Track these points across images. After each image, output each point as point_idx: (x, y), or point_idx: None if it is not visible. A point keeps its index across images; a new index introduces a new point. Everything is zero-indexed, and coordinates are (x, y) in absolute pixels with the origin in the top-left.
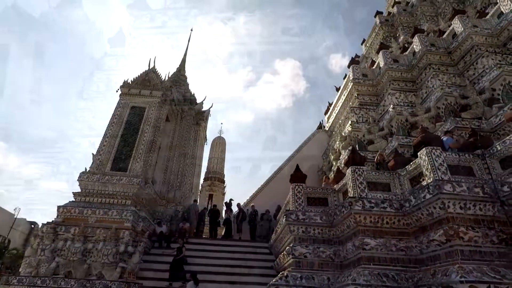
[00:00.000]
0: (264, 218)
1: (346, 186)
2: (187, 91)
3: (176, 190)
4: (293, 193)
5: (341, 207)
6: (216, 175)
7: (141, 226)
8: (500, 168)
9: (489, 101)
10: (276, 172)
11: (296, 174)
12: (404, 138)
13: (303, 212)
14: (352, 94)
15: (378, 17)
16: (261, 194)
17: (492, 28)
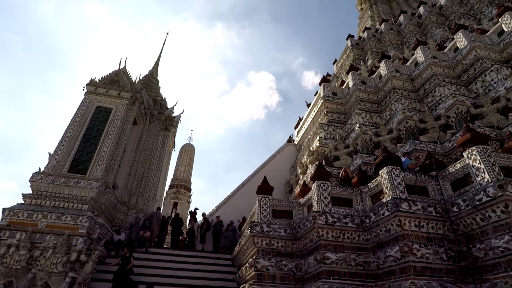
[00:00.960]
0: (229, 229)
1: (311, 200)
2: (158, 95)
3: (138, 196)
4: (259, 205)
5: (305, 220)
6: (182, 182)
7: (98, 234)
8: (451, 189)
9: (444, 127)
10: (244, 183)
11: (263, 186)
12: (368, 156)
13: (268, 224)
14: (322, 111)
15: (350, 40)
16: (228, 204)
17: (449, 61)
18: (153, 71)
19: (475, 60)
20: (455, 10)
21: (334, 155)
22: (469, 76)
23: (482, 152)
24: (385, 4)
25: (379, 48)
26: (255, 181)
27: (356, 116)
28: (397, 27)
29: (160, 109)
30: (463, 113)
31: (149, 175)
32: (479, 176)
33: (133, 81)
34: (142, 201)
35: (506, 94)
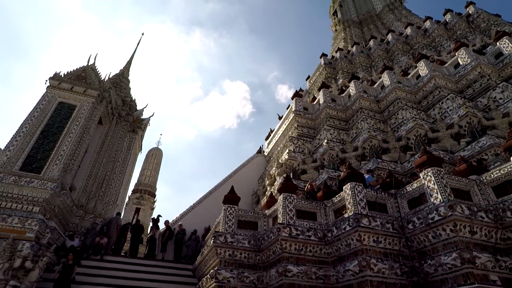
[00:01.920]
0: (192, 238)
1: (277, 212)
2: (128, 95)
3: (98, 200)
4: (224, 215)
5: (269, 232)
6: (147, 187)
7: (48, 238)
8: (407, 207)
9: (405, 148)
10: (211, 191)
11: (230, 196)
12: (333, 171)
13: (232, 235)
14: (293, 124)
15: (323, 59)
16: (193, 213)
17: (412, 87)
18: (124, 70)
19: (434, 88)
20: (419, 40)
21: (302, 169)
22: (428, 102)
23: (436, 173)
24: (358, 28)
25: (349, 69)
26: (222, 190)
27: (324, 132)
28: (367, 51)
29: (128, 110)
30: (422, 136)
31: (111, 178)
32: (432, 196)
33: (102, 79)
34: (101, 205)
35: (459, 122)
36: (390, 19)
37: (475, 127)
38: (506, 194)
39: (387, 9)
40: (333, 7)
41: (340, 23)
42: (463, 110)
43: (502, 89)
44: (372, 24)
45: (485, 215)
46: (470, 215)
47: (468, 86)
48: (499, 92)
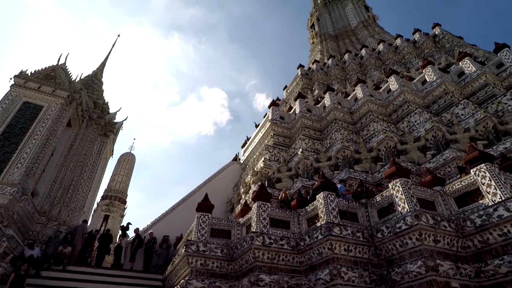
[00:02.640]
0: (163, 246)
1: (251, 221)
2: (100, 97)
3: (63, 206)
4: (197, 223)
5: (242, 241)
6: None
7: (4, 247)
8: (377, 217)
9: (375, 158)
10: (184, 199)
11: (204, 203)
12: (308, 180)
13: (205, 244)
14: (269, 133)
15: (300, 70)
16: (165, 221)
17: (383, 100)
18: (97, 72)
19: (403, 102)
20: (390, 57)
21: (277, 177)
22: (398, 115)
23: (404, 184)
24: (334, 42)
25: (325, 81)
26: (196, 197)
27: (300, 141)
28: (342, 64)
29: (100, 113)
30: (392, 148)
31: (78, 183)
32: (400, 205)
33: (72, 79)
34: (66, 212)
35: (425, 135)
36: (364, 35)
37: (440, 141)
38: (466, 205)
39: (361, 26)
40: (310, 20)
41: (317, 36)
42: (429, 124)
43: (463, 105)
44: (347, 39)
45: (448, 225)
46: (434, 224)
47: (434, 101)
48: (461, 108)
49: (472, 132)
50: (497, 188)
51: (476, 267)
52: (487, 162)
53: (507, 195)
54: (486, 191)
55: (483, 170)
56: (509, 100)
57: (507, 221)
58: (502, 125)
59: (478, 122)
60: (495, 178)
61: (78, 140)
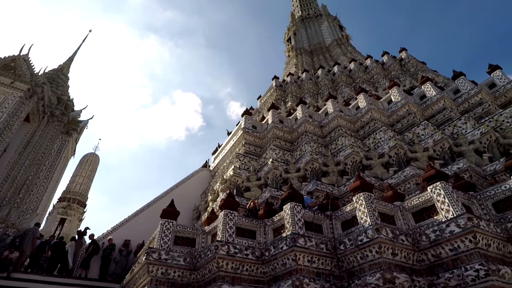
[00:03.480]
0: (123, 253)
1: (216, 229)
2: (65, 93)
3: (13, 207)
4: (161, 230)
5: (207, 250)
6: (76, 196)
7: None
8: (341, 229)
9: (342, 172)
10: (149, 204)
11: (169, 210)
12: (276, 191)
13: (167, 252)
14: (240, 141)
15: (275, 81)
16: (127, 226)
17: (352, 116)
18: (64, 66)
19: (370, 119)
20: (360, 75)
21: (246, 186)
22: (364, 132)
23: (367, 198)
24: (308, 56)
25: (298, 93)
26: (161, 203)
27: (270, 151)
28: (316, 79)
29: (64, 109)
30: (357, 163)
31: (33, 183)
32: (363, 219)
33: (35, 72)
34: (16, 214)
35: (389, 152)
36: (337, 53)
37: (402, 158)
38: (423, 220)
39: (335, 43)
40: (288, 34)
41: (293, 50)
42: (393, 142)
43: (424, 126)
44: (321, 55)
45: (405, 239)
46: (393, 238)
47: (398, 121)
48: (421, 129)
49: (430, 152)
50: (450, 205)
51: (429, 280)
52: (442, 180)
53: (458, 212)
54: (440, 207)
55: (438, 188)
56: (463, 124)
57: (458, 236)
58: (456, 147)
59: (436, 143)
60: (449, 196)
61: (37, 137)
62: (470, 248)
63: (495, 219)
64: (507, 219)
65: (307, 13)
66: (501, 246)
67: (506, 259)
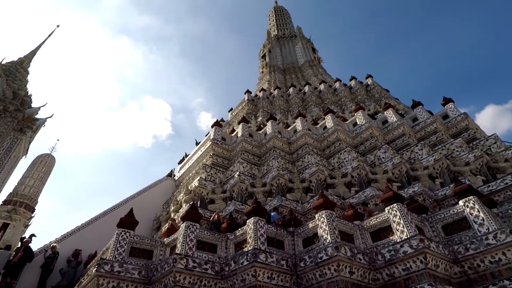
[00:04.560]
0: (71, 264)
1: (176, 241)
2: (23, 88)
3: None
4: (116, 240)
5: (164, 263)
6: (24, 199)
7: None
8: (302, 246)
9: (307, 189)
10: (106, 212)
11: (127, 219)
12: (241, 204)
13: (121, 264)
14: (208, 152)
15: (247, 95)
16: (79, 235)
17: (319, 135)
18: (24, 60)
19: (336, 140)
20: (329, 97)
21: (211, 198)
22: (330, 151)
23: (329, 216)
24: (281, 74)
25: (269, 109)
26: (120, 212)
27: (238, 164)
28: (287, 96)
29: (19, 105)
30: (322, 181)
31: None
32: (323, 236)
33: None
34: None
35: (352, 172)
36: (309, 74)
37: (363, 179)
38: (379, 240)
39: (307, 64)
40: (263, 51)
41: (267, 66)
42: (356, 163)
43: (384, 150)
44: (294, 74)
45: (362, 257)
46: (351, 256)
47: (362, 143)
48: (382, 152)
49: (389, 174)
50: (405, 227)
51: None
52: (399, 202)
53: (412, 234)
54: (396, 228)
55: (395, 209)
56: (420, 150)
57: (410, 257)
58: (413, 171)
59: (395, 166)
60: (404, 218)
61: None
62: (420, 269)
63: (443, 241)
64: (454, 241)
65: (283, 32)
66: (448, 267)
67: (452, 279)
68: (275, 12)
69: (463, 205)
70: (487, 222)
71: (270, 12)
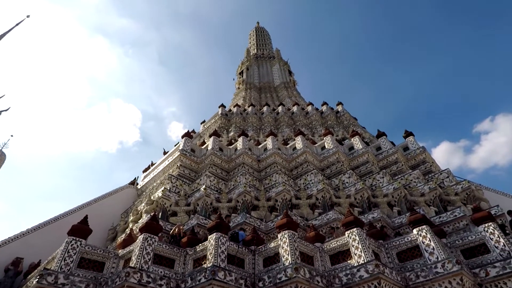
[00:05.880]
0: (9, 274)
1: (131, 254)
2: None
3: None
4: (65, 248)
5: (116, 276)
6: None
7: None
8: (262, 265)
9: (272, 208)
10: (57, 217)
11: (80, 227)
12: (204, 219)
13: (67, 275)
14: (176, 163)
15: (221, 109)
16: (23, 241)
17: (288, 155)
18: None
19: (304, 161)
20: (301, 119)
21: (173, 210)
22: (298, 172)
23: (291, 236)
24: (257, 92)
25: (242, 125)
26: (73, 218)
27: (205, 177)
28: (260, 114)
29: None
30: (287, 201)
31: None
32: (284, 257)
33: None
34: None
35: (317, 194)
36: (284, 95)
37: (327, 202)
38: (338, 263)
39: (282, 86)
40: (241, 67)
41: (244, 83)
42: (321, 185)
43: (349, 175)
44: (269, 93)
45: (320, 280)
46: (309, 278)
47: (328, 166)
48: (347, 177)
49: (352, 199)
50: (362, 251)
51: None
52: (359, 227)
53: (368, 259)
54: (354, 252)
55: (354, 234)
56: (381, 178)
57: (365, 281)
58: (374, 198)
59: (357, 192)
60: (362, 242)
61: None
62: None
63: (397, 268)
64: (406, 268)
65: (262, 52)
66: None
67: None
68: (256, 32)
69: (417, 233)
70: (436, 251)
71: (252, 31)
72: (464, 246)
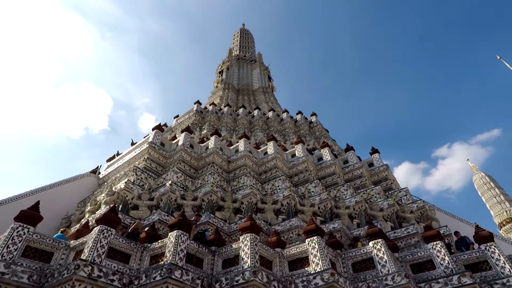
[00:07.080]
0: None
1: (84, 245)
2: None
3: None
4: (9, 235)
5: (64, 268)
6: None
7: None
8: (221, 266)
9: (237, 210)
10: (3, 201)
11: (29, 212)
12: (166, 215)
13: (9, 264)
14: (143, 155)
15: (196, 106)
16: None
17: (259, 159)
18: None
19: (273, 166)
20: (275, 125)
21: (135, 204)
22: (266, 176)
23: (253, 240)
24: (235, 93)
25: (216, 124)
26: (22, 203)
27: (172, 173)
28: (235, 116)
29: None
30: (253, 204)
31: None
32: (244, 259)
33: None
34: None
35: (282, 200)
36: (261, 99)
37: (292, 209)
38: (296, 269)
39: (261, 90)
40: (221, 66)
41: (222, 83)
42: (288, 192)
43: (315, 184)
44: (246, 96)
45: (277, 285)
46: (266, 282)
47: (296, 174)
48: (313, 186)
49: (315, 208)
50: (320, 259)
51: None
52: (319, 235)
53: (325, 267)
54: (312, 260)
55: (314, 242)
56: (345, 190)
57: None
58: (336, 208)
59: (321, 201)
60: (321, 251)
61: None
62: None
63: (351, 278)
64: (359, 278)
65: (244, 54)
66: None
67: None
68: (241, 33)
69: (372, 246)
70: (388, 264)
71: (236, 32)
72: (413, 261)
